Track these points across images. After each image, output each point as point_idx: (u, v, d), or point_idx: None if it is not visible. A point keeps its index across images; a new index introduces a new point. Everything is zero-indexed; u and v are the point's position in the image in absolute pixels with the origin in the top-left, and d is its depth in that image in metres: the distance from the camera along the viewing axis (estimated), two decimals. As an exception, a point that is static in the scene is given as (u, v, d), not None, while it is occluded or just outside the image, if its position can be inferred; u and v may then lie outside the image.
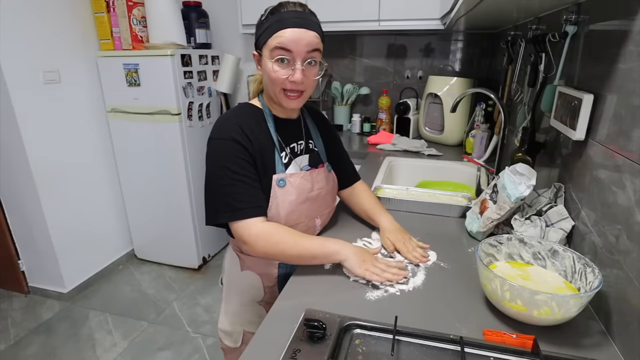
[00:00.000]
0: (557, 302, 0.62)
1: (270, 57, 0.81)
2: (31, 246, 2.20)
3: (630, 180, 0.61)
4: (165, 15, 2.15)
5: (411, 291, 0.79)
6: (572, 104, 0.80)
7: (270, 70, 0.82)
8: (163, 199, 2.40)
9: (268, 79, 0.84)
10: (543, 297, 0.62)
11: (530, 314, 0.65)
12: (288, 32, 0.79)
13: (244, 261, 0.98)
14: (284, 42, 0.79)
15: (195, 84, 2.29)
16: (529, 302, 0.64)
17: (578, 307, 0.63)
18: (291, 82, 0.82)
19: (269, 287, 0.98)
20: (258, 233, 0.81)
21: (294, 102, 0.86)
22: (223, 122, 0.86)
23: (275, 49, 0.79)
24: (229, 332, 1.02)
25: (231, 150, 0.82)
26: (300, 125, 0.97)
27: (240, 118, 0.86)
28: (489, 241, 0.81)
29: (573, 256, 0.73)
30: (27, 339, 1.93)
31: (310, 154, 0.97)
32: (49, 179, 2.08)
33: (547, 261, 0.78)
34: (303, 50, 0.80)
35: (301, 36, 0.79)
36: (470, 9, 1.20)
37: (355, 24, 2.05)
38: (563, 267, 0.75)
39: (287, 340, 0.63)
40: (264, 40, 0.82)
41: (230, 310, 1.01)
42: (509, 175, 0.93)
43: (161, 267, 2.57)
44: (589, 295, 0.62)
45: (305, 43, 0.80)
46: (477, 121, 1.83)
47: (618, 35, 0.69)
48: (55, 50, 2.06)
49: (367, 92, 2.46)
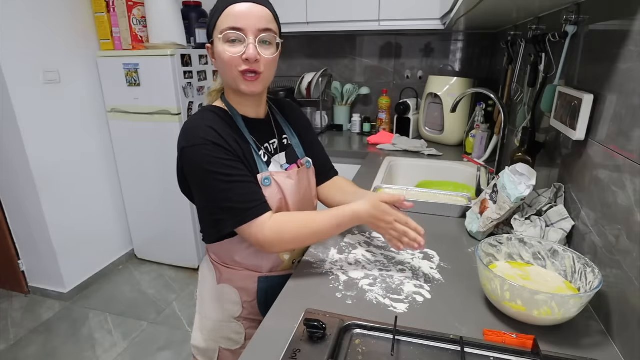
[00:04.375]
0: (557, 302, 0.62)
1: (221, 38, 0.76)
2: (31, 246, 2.20)
3: (630, 180, 0.61)
4: (165, 15, 2.15)
5: (411, 291, 0.79)
6: (572, 104, 0.80)
7: (221, 52, 0.77)
8: (163, 199, 2.40)
9: (222, 63, 0.79)
10: (543, 297, 0.62)
11: (531, 313, 0.65)
12: (236, 7, 0.75)
13: (222, 273, 0.92)
14: (233, 19, 0.75)
15: (195, 84, 2.29)
16: (529, 302, 0.64)
17: (578, 307, 0.63)
18: (245, 60, 0.76)
19: (248, 302, 0.92)
20: (271, 232, 0.78)
21: (253, 85, 0.80)
22: (192, 127, 0.79)
23: (226, 29, 0.75)
24: (204, 349, 0.95)
25: (212, 153, 0.76)
26: (270, 124, 0.93)
27: (209, 121, 0.80)
28: (488, 241, 0.80)
29: (573, 256, 0.73)
30: (27, 339, 1.93)
31: (286, 151, 0.93)
32: (49, 179, 2.08)
33: (547, 261, 0.78)
34: (254, 26, 0.76)
35: (250, 10, 0.75)
36: (470, 9, 1.20)
37: (355, 24, 2.05)
38: (563, 267, 0.75)
39: (287, 340, 0.63)
40: (214, 23, 0.78)
41: (206, 326, 0.95)
42: (509, 175, 0.93)
43: (161, 267, 2.57)
44: (589, 295, 0.62)
45: (256, 18, 0.76)
46: (477, 121, 1.83)
47: (618, 35, 0.69)
48: (55, 50, 2.06)
49: (367, 92, 2.46)
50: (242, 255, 0.89)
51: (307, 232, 0.80)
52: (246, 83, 0.79)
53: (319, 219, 0.81)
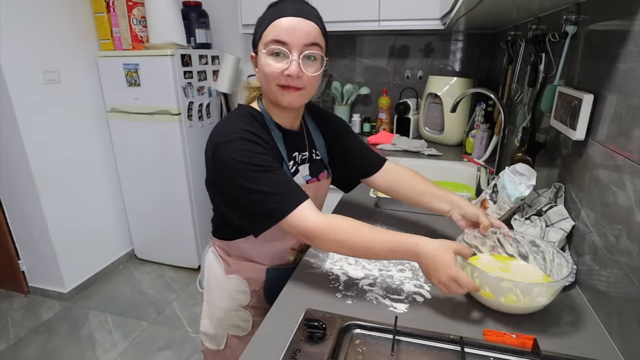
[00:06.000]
0: (521, 290, 0.66)
1: (265, 52, 0.75)
2: (31, 246, 2.20)
3: (630, 180, 0.61)
4: (165, 15, 2.15)
5: (411, 291, 0.79)
6: (572, 104, 0.80)
7: (264, 65, 0.75)
8: (163, 199, 2.40)
9: (263, 75, 0.77)
10: (507, 284, 0.66)
11: (498, 300, 0.68)
12: (284, 21, 0.73)
13: (230, 265, 0.94)
14: (279, 32, 0.73)
15: (195, 84, 2.29)
16: (496, 289, 0.68)
17: (546, 296, 0.67)
18: (286, 76, 0.74)
19: (256, 292, 0.95)
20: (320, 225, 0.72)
21: (291, 96, 0.77)
22: (228, 124, 0.79)
23: (270, 42, 0.74)
24: (212, 335, 0.98)
25: (251, 148, 0.74)
26: (303, 137, 0.92)
27: (246, 120, 0.79)
28: (473, 233, 0.84)
29: (553, 251, 0.76)
30: (27, 339, 1.93)
31: (311, 164, 0.93)
32: (49, 179, 2.08)
33: (529, 255, 0.81)
34: (300, 42, 0.73)
35: (298, 25, 0.73)
36: (470, 9, 1.20)
37: (355, 24, 2.05)
38: (543, 261, 0.78)
39: (287, 340, 0.63)
40: (260, 34, 0.77)
41: (215, 315, 0.97)
42: (509, 175, 0.93)
43: (161, 267, 2.57)
44: (553, 284, 0.66)
45: (302, 33, 0.73)
46: (477, 121, 1.83)
47: (618, 35, 0.69)
48: (55, 50, 2.06)
49: (367, 92, 2.46)
50: (251, 253, 0.92)
51: (359, 242, 0.72)
52: (283, 94, 0.77)
53: (375, 234, 0.73)
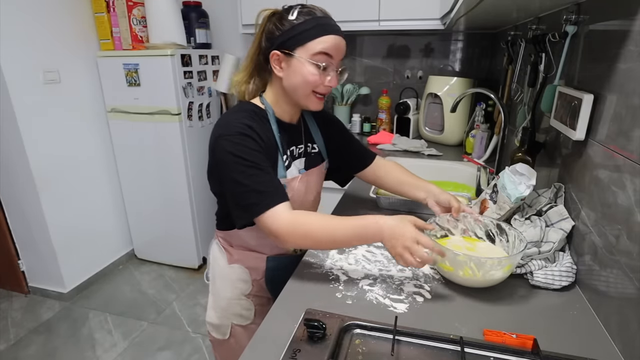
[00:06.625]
0: (475, 263, 0.73)
1: (310, 60, 0.82)
2: (31, 246, 2.20)
3: (630, 180, 0.61)
4: (165, 15, 2.15)
5: (411, 291, 0.79)
6: (572, 104, 0.80)
7: (307, 73, 0.82)
8: (163, 199, 2.40)
9: (300, 80, 0.84)
10: (463, 257, 0.73)
11: (457, 273, 0.75)
12: (332, 38, 0.82)
13: (232, 255, 0.99)
14: (329, 48, 0.82)
15: (195, 84, 2.29)
16: (454, 262, 0.75)
17: (499, 271, 0.73)
18: (326, 86, 0.86)
19: (257, 281, 0.99)
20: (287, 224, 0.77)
21: (320, 103, 0.89)
22: (229, 119, 0.84)
23: (320, 53, 0.82)
24: (217, 325, 1.03)
25: (247, 143, 0.80)
26: (300, 130, 0.98)
27: (246, 115, 0.85)
28: (446, 216, 0.93)
29: (515, 234, 0.82)
30: (27, 339, 1.93)
31: (307, 157, 0.98)
32: (49, 179, 2.08)
33: (496, 238, 0.88)
34: (339, 58, 0.86)
35: (342, 44, 0.85)
36: (470, 9, 1.20)
37: (355, 24, 2.05)
38: (507, 242, 0.85)
39: (287, 340, 0.63)
40: (303, 42, 0.82)
41: (219, 304, 1.02)
42: (509, 175, 0.93)
43: (161, 267, 2.57)
44: (503, 258, 0.73)
45: (342, 50, 0.86)
46: (477, 121, 1.83)
47: (618, 35, 0.69)
48: (55, 50, 2.06)
49: (367, 92, 2.46)
50: (251, 243, 0.96)
51: (323, 233, 0.78)
52: (316, 102, 0.88)
53: (338, 223, 0.78)
